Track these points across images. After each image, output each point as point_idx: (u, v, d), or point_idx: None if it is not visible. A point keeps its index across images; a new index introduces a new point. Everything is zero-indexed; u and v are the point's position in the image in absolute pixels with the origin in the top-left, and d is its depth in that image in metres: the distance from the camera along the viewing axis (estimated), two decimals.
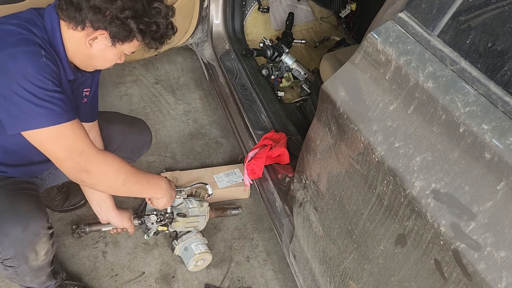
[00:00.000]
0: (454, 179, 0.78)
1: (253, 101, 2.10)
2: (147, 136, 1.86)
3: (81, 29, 1.22)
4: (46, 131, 1.16)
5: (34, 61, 1.14)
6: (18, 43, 1.14)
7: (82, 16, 1.19)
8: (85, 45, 1.25)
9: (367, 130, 0.96)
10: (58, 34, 1.24)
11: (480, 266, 0.71)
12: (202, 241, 1.78)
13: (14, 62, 1.12)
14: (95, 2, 1.17)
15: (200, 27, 2.39)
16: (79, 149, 1.21)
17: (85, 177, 1.25)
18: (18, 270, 1.35)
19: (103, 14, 1.19)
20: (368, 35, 0.99)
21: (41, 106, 1.13)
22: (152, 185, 1.48)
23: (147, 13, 1.24)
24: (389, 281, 0.96)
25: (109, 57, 1.32)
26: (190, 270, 1.78)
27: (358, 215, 1.04)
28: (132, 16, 1.21)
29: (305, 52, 2.63)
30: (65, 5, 1.20)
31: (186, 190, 1.84)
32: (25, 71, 1.12)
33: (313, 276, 1.40)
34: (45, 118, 1.15)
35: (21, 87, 1.11)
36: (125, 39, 1.25)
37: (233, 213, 2.02)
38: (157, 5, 1.25)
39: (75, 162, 1.21)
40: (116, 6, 1.18)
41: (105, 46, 1.26)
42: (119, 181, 1.32)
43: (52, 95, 1.15)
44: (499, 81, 0.76)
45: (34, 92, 1.12)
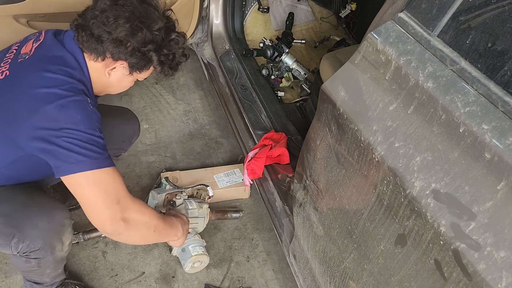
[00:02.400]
0: (454, 179, 0.78)
1: (253, 101, 2.10)
2: (135, 124, 1.86)
3: (101, 60, 1.25)
4: (89, 174, 1.16)
5: (83, 109, 1.17)
6: (66, 94, 1.16)
7: (103, 48, 1.21)
8: (104, 74, 1.28)
9: (367, 130, 0.96)
10: (86, 69, 1.26)
11: (480, 266, 0.71)
12: (200, 243, 1.77)
13: (64, 111, 1.14)
14: (117, 34, 1.18)
15: (200, 27, 2.39)
16: (117, 196, 1.21)
17: (123, 227, 1.23)
18: (41, 262, 1.36)
19: (125, 46, 1.21)
20: (368, 35, 0.99)
21: (88, 149, 1.15)
22: (174, 229, 1.50)
23: (166, 44, 1.27)
24: (389, 281, 0.96)
25: (125, 85, 1.36)
26: (186, 272, 1.77)
27: (358, 215, 1.04)
28: (154, 49, 1.24)
29: (305, 52, 2.63)
30: (85, 37, 1.21)
31: (187, 191, 1.84)
32: (76, 118, 1.15)
33: (313, 276, 1.40)
34: (90, 161, 1.16)
35: (70, 133, 1.13)
36: (143, 68, 1.29)
37: (234, 216, 2.00)
38: (175, 36, 1.29)
39: (114, 210, 1.20)
40: (137, 39, 1.20)
41: (123, 74, 1.30)
42: (151, 228, 1.34)
43: (98, 141, 1.18)
44: (499, 81, 0.76)
45: (82, 138, 1.14)
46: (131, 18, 1.19)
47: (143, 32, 1.20)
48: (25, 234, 1.28)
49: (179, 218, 1.57)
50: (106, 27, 1.18)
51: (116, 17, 1.18)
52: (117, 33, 1.18)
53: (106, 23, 1.18)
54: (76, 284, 1.67)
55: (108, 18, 1.18)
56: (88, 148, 1.15)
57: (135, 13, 1.20)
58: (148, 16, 1.22)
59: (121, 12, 1.18)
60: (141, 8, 1.21)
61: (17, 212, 1.28)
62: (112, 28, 1.18)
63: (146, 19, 1.21)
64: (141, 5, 1.22)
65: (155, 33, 1.23)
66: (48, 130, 1.13)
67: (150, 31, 1.21)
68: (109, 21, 1.18)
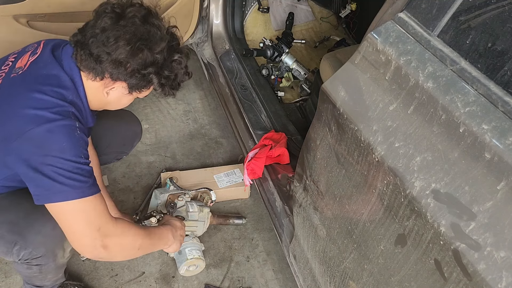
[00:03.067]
0: (454, 179, 0.78)
1: (253, 101, 2.09)
2: (137, 127, 1.85)
3: (99, 80, 1.21)
4: (71, 203, 1.14)
5: (70, 135, 1.14)
6: (55, 118, 1.12)
7: (102, 68, 1.18)
8: (102, 93, 1.25)
9: (367, 130, 0.96)
10: (81, 89, 1.23)
11: (480, 266, 0.71)
12: (197, 246, 1.75)
13: (50, 136, 1.11)
14: (117, 56, 1.15)
15: (200, 27, 2.39)
16: (97, 224, 1.19)
17: (103, 253, 1.22)
18: (43, 269, 1.36)
19: (124, 67, 1.17)
20: (368, 35, 0.99)
21: (72, 179, 1.12)
22: (162, 240, 1.47)
23: (167, 65, 1.24)
24: (389, 281, 0.96)
25: (123, 102, 1.34)
26: (181, 274, 1.76)
27: (358, 215, 1.04)
28: (155, 72, 1.21)
29: (305, 52, 2.63)
30: (84, 56, 1.17)
31: (190, 193, 1.84)
32: (61, 145, 1.12)
33: (313, 276, 1.40)
34: (74, 191, 1.13)
35: (54, 161, 1.10)
36: (142, 88, 1.26)
37: (236, 222, 1.98)
38: (178, 57, 1.25)
39: (93, 238, 1.18)
40: (138, 60, 1.17)
41: (122, 93, 1.27)
42: (135, 247, 1.32)
43: (83, 168, 1.15)
44: (499, 81, 0.76)
45: (66, 167, 1.11)
46: (132, 40, 1.15)
47: (144, 54, 1.16)
48: (28, 241, 1.27)
49: (169, 226, 1.53)
50: (106, 48, 1.14)
51: (117, 38, 1.14)
52: (116, 54, 1.14)
53: (106, 43, 1.14)
54: (76, 285, 1.67)
55: (108, 38, 1.14)
56: (72, 177, 1.12)
57: (137, 34, 1.15)
58: (150, 38, 1.17)
59: (122, 33, 1.14)
60: (143, 28, 1.17)
61: (21, 220, 1.27)
62: (112, 49, 1.14)
63: (147, 41, 1.17)
64: (144, 26, 1.17)
65: (156, 55, 1.19)
66: (33, 155, 1.11)
67: (151, 53, 1.18)
68: (109, 42, 1.14)
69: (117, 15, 1.16)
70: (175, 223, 1.58)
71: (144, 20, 1.18)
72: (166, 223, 1.57)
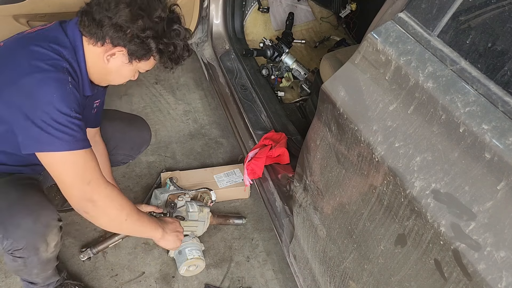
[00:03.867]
0: (454, 179, 0.78)
1: (253, 101, 2.10)
2: (147, 133, 1.87)
3: (100, 45, 1.26)
4: (60, 155, 1.18)
5: (61, 88, 1.17)
6: (48, 69, 1.17)
7: (103, 33, 1.23)
8: (103, 60, 1.28)
9: (367, 130, 0.96)
10: (81, 53, 1.27)
11: (480, 266, 0.71)
12: (197, 246, 1.75)
13: (41, 87, 1.14)
14: (117, 20, 1.20)
15: (200, 27, 2.39)
16: (87, 178, 1.22)
17: (89, 207, 1.25)
18: (27, 262, 1.36)
19: (124, 32, 1.22)
20: (368, 35, 0.99)
21: (60, 130, 1.15)
22: (151, 224, 1.48)
23: (166, 34, 1.28)
24: (389, 281, 0.96)
25: (124, 73, 1.36)
26: (181, 274, 1.76)
27: (358, 215, 1.04)
28: (153, 36, 1.25)
29: (305, 52, 2.63)
30: (87, 22, 1.23)
31: (191, 193, 1.84)
32: (51, 96, 1.14)
33: (313, 276, 1.40)
34: (62, 142, 1.16)
35: (44, 111, 1.13)
36: (142, 57, 1.29)
37: (236, 222, 1.98)
38: (177, 27, 1.29)
39: (82, 190, 1.22)
40: (137, 25, 1.22)
41: (122, 62, 1.30)
42: (122, 215, 1.33)
43: (73, 121, 1.18)
44: (499, 81, 0.76)
45: (55, 117, 1.14)
46: (132, 4, 1.21)
47: (143, 19, 1.22)
48: (8, 232, 1.28)
49: (160, 220, 1.56)
50: (108, 12, 1.20)
51: (118, 2, 1.20)
52: (117, 18, 1.20)
53: (108, 8, 1.21)
54: (76, 285, 1.67)
55: (109, 3, 1.21)
56: (60, 129, 1.15)
57: (137, 0, 1.22)
58: (150, 5, 1.23)
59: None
60: None
61: (4, 210, 1.28)
62: (112, 13, 1.20)
63: (147, 7, 1.23)
64: None
65: (155, 20, 1.24)
66: (24, 103, 1.14)
67: (150, 18, 1.23)
68: (110, 6, 1.20)
69: None
70: (164, 218, 1.62)
71: None
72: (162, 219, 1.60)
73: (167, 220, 1.61)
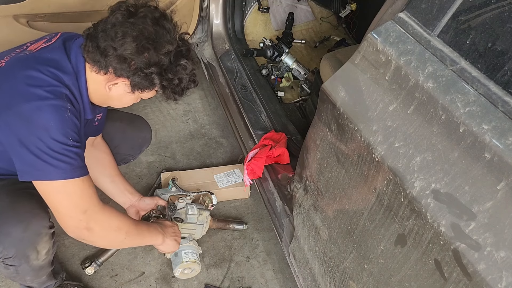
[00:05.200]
0: (454, 179, 0.78)
1: (253, 101, 2.10)
2: (147, 133, 1.87)
3: (103, 73, 1.24)
4: (56, 184, 1.16)
5: (59, 115, 1.15)
6: (47, 96, 1.14)
7: (106, 62, 1.20)
8: (105, 88, 1.27)
9: (367, 130, 0.96)
10: (83, 79, 1.25)
11: (480, 266, 0.71)
12: (194, 249, 1.74)
13: (39, 114, 1.12)
14: (123, 52, 1.17)
15: (200, 27, 2.39)
16: (84, 206, 1.21)
17: (86, 235, 1.25)
18: (19, 269, 1.35)
19: (128, 64, 1.19)
20: (368, 35, 0.99)
21: (56, 159, 1.13)
22: (151, 233, 1.49)
23: (172, 69, 1.24)
24: (389, 281, 0.96)
25: (126, 101, 1.35)
26: (176, 276, 1.75)
27: (358, 215, 1.04)
28: (157, 72, 1.22)
29: (305, 52, 2.63)
30: (91, 48, 1.20)
31: (192, 195, 1.83)
32: (48, 124, 1.13)
33: (313, 276, 1.40)
34: (58, 171, 1.14)
35: (39, 139, 1.12)
36: (145, 89, 1.27)
37: (237, 228, 1.97)
38: (184, 62, 1.25)
39: (78, 220, 1.21)
40: (142, 59, 1.18)
41: (124, 91, 1.28)
42: (121, 235, 1.34)
43: (69, 149, 1.16)
44: (499, 81, 0.76)
45: (51, 146, 1.12)
46: (139, 38, 1.17)
47: (149, 53, 1.18)
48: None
49: (158, 224, 1.57)
50: (113, 43, 1.17)
51: (124, 34, 1.16)
52: (122, 50, 1.16)
53: (113, 38, 1.17)
54: (76, 285, 1.67)
55: (116, 33, 1.17)
56: (56, 157, 1.13)
57: (144, 33, 1.17)
58: (157, 38, 1.19)
59: (130, 30, 1.16)
60: (152, 29, 1.18)
61: None
62: (118, 45, 1.16)
63: (154, 41, 1.18)
64: (154, 26, 1.19)
65: (161, 56, 1.20)
66: (20, 129, 1.12)
67: (156, 53, 1.19)
68: (116, 37, 1.16)
69: (129, 13, 1.19)
70: (164, 222, 1.61)
71: (154, 21, 1.20)
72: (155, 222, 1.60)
73: (166, 224, 1.61)
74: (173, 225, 1.64)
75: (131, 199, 1.74)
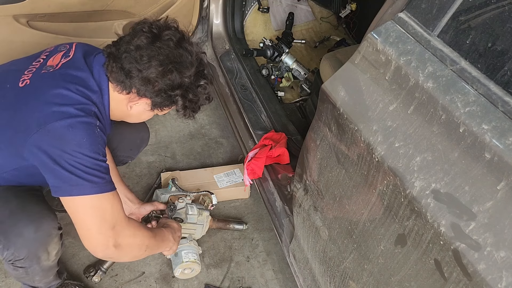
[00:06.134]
0: (454, 179, 0.78)
1: (253, 101, 2.10)
2: (145, 133, 1.87)
3: (126, 93, 1.25)
4: (88, 198, 1.16)
5: (90, 132, 1.17)
6: (77, 114, 1.16)
7: (130, 83, 1.22)
8: (126, 106, 1.29)
9: (367, 130, 0.96)
10: (106, 97, 1.27)
11: (480, 266, 0.71)
12: (194, 250, 1.75)
13: (72, 131, 1.14)
14: (148, 74, 1.19)
15: (200, 27, 2.39)
16: (112, 222, 1.20)
17: (114, 253, 1.23)
18: (29, 271, 1.36)
19: (152, 86, 1.21)
20: (368, 35, 0.99)
21: (90, 174, 1.14)
22: (165, 242, 1.50)
23: (193, 89, 1.28)
24: (389, 281, 0.96)
25: (143, 117, 1.38)
26: (176, 276, 1.75)
27: (358, 215, 1.04)
28: (181, 94, 1.25)
29: (305, 52, 2.63)
30: (115, 68, 1.21)
31: (192, 195, 1.83)
32: (81, 140, 1.14)
33: (313, 276, 1.40)
34: (92, 186, 1.15)
35: (73, 155, 1.13)
36: (164, 107, 1.30)
37: (237, 228, 1.97)
38: (203, 82, 1.29)
39: (107, 236, 1.20)
40: (166, 81, 1.21)
41: (144, 109, 1.31)
42: (143, 248, 1.34)
43: (101, 164, 1.18)
44: (499, 81, 0.76)
45: (84, 162, 1.14)
46: (165, 62, 1.19)
47: (173, 75, 1.20)
48: (10, 242, 1.27)
49: (169, 228, 1.57)
50: (138, 65, 1.18)
51: (150, 57, 1.18)
52: (148, 72, 1.18)
53: (139, 61, 1.18)
54: (76, 285, 1.67)
55: (142, 56, 1.18)
56: (90, 172, 1.14)
57: (170, 57, 1.19)
58: (181, 62, 1.21)
59: (156, 54, 1.18)
60: (176, 52, 1.21)
61: (6, 218, 1.27)
62: (144, 67, 1.18)
63: (178, 64, 1.21)
64: (177, 49, 1.21)
65: (185, 79, 1.23)
66: (53, 147, 1.13)
67: (180, 76, 1.22)
68: (142, 60, 1.18)
69: (154, 36, 1.20)
70: (173, 225, 1.61)
71: (178, 44, 1.22)
72: (165, 225, 1.59)
73: (174, 227, 1.61)
74: (179, 228, 1.64)
75: (131, 207, 1.74)
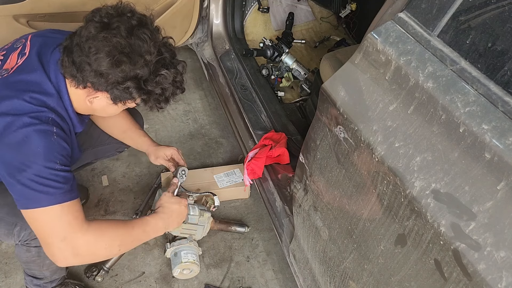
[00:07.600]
0: (454, 179, 0.78)
1: (253, 101, 2.10)
2: (139, 120, 1.84)
3: (82, 88, 1.20)
4: (41, 211, 1.13)
5: (46, 140, 1.13)
6: (31, 122, 1.12)
7: (83, 77, 1.16)
8: (85, 101, 1.24)
9: (367, 130, 0.96)
10: (66, 97, 1.23)
11: (480, 266, 0.71)
12: (194, 250, 1.74)
13: (26, 141, 1.11)
14: (98, 67, 1.13)
15: (200, 27, 2.39)
16: (62, 234, 1.16)
17: (75, 261, 1.20)
18: (41, 251, 1.34)
19: (106, 78, 1.15)
20: (368, 35, 0.99)
21: (44, 184, 1.12)
22: (148, 232, 1.40)
23: (152, 80, 1.19)
24: (389, 281, 0.96)
25: (111, 112, 1.32)
26: (175, 276, 1.75)
27: (358, 215, 1.04)
28: (135, 86, 1.18)
29: (305, 52, 2.63)
30: (67, 63, 1.17)
31: (195, 196, 1.83)
32: (35, 150, 1.12)
33: (313, 276, 1.40)
34: (46, 198, 1.13)
35: (27, 167, 1.11)
36: (126, 100, 1.24)
37: (238, 230, 1.96)
38: (164, 72, 1.19)
39: (59, 248, 1.16)
40: (118, 73, 1.14)
41: (107, 103, 1.24)
42: (114, 248, 1.28)
43: (57, 174, 1.14)
44: (499, 81, 0.76)
45: (39, 172, 1.11)
46: (112, 52, 1.11)
47: (125, 66, 1.13)
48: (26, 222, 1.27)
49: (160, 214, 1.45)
50: (87, 58, 1.13)
51: (98, 49, 1.11)
52: (96, 65, 1.12)
53: (87, 53, 1.12)
54: (76, 284, 1.67)
55: (90, 48, 1.12)
56: (45, 183, 1.12)
57: (117, 47, 1.12)
58: (132, 51, 1.13)
59: (102, 45, 1.11)
60: (125, 42, 1.13)
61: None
62: (92, 60, 1.12)
63: (129, 54, 1.13)
64: (128, 38, 1.13)
65: (137, 70, 1.15)
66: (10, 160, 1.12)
67: (133, 66, 1.14)
68: (90, 52, 1.12)
69: (102, 25, 1.14)
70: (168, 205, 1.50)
71: (128, 32, 1.14)
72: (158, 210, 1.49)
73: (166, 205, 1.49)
74: (178, 202, 1.52)
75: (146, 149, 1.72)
